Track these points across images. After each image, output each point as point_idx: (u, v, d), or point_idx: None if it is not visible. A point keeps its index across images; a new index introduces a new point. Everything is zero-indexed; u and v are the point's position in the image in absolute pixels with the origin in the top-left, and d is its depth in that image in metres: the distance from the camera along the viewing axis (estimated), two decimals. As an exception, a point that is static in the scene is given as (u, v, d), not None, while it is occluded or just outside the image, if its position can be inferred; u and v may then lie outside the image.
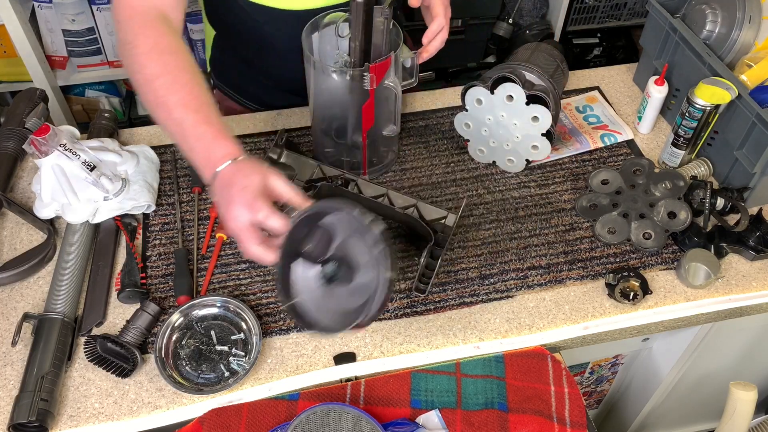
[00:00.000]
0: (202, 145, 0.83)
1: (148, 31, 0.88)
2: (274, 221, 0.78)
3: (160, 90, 0.85)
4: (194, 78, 0.87)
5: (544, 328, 1.01)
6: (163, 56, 0.87)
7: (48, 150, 1.04)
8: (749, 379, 1.36)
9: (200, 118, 0.84)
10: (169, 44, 0.88)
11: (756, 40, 1.16)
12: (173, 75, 0.86)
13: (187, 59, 0.88)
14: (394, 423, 0.89)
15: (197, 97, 0.85)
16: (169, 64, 0.86)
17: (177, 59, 0.87)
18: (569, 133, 1.29)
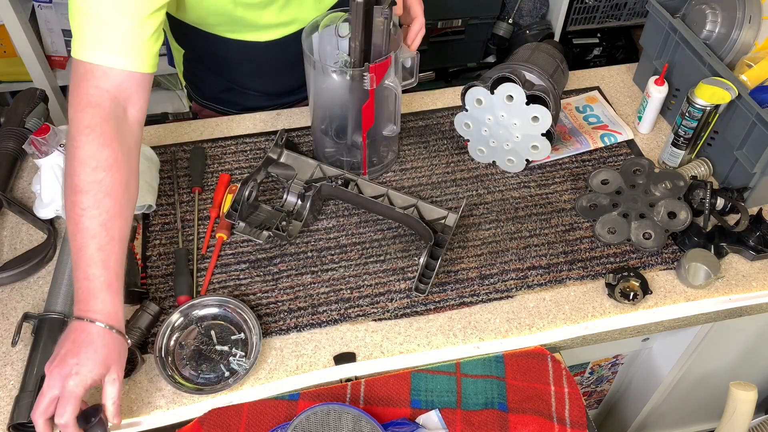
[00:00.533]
0: (88, 285, 0.81)
1: (94, 134, 0.82)
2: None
3: (70, 210, 0.82)
4: (119, 211, 0.83)
5: (544, 328, 1.01)
6: (95, 173, 0.82)
7: (48, 150, 1.03)
8: (749, 379, 1.36)
9: (102, 258, 0.81)
10: (107, 157, 0.83)
11: (756, 40, 1.16)
12: (84, 204, 0.81)
13: (119, 183, 0.84)
14: (394, 423, 0.89)
15: (110, 238, 0.82)
16: (91, 187, 0.82)
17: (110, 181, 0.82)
18: (569, 133, 1.29)
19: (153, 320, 0.97)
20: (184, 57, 1.27)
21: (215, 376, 0.94)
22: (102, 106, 0.84)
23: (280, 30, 1.13)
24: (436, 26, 2.29)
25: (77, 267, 0.82)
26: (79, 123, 0.83)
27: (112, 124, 0.84)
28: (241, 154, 1.24)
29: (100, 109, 0.83)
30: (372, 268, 1.07)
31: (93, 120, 0.83)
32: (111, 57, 0.83)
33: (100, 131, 0.83)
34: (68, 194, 0.83)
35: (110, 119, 0.84)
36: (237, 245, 1.10)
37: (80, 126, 0.82)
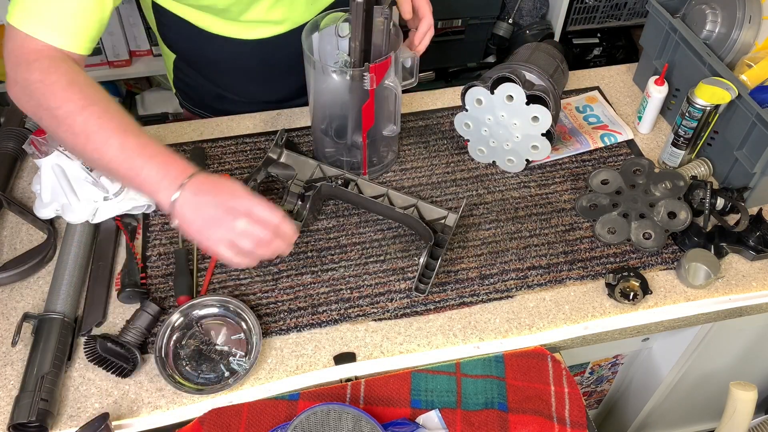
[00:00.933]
0: (157, 162, 0.81)
1: (61, 69, 0.84)
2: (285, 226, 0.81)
3: (92, 119, 0.81)
4: (121, 108, 0.85)
5: (544, 328, 1.01)
6: (84, 89, 0.83)
7: (48, 150, 1.04)
8: (749, 379, 1.36)
9: (144, 141, 0.81)
10: (85, 79, 0.85)
11: (756, 40, 1.16)
12: (102, 105, 0.83)
13: (105, 92, 0.86)
14: (394, 423, 0.89)
15: (133, 124, 0.83)
16: (94, 96, 0.83)
17: (98, 91, 0.84)
18: (569, 133, 1.29)
19: (153, 320, 0.97)
20: (175, 63, 1.26)
21: (215, 376, 0.94)
22: (53, 54, 0.86)
23: (269, 28, 1.12)
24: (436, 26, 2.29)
25: (131, 162, 0.80)
26: (42, 66, 0.84)
27: (68, 61, 0.87)
28: (241, 154, 1.24)
29: (54, 56, 0.86)
30: (372, 268, 1.07)
31: (53, 61, 0.85)
32: (53, 35, 0.85)
33: (66, 64, 0.86)
34: (68, 119, 0.82)
35: (65, 59, 0.87)
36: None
37: (44, 67, 0.84)
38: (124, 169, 0.81)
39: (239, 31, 1.11)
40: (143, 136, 0.82)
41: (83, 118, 0.82)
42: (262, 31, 1.12)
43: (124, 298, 1.00)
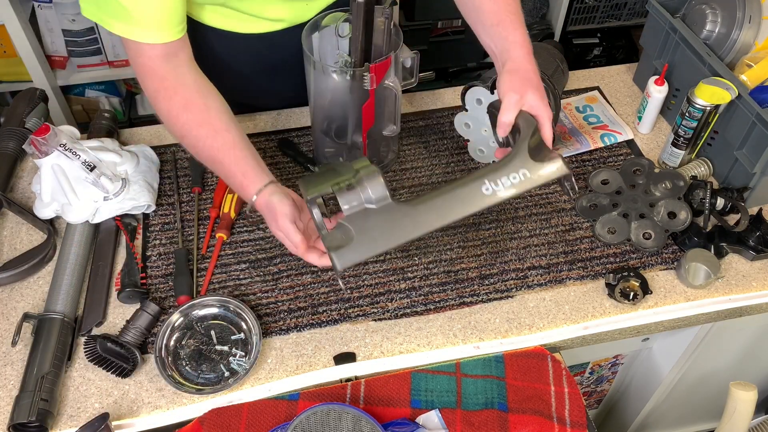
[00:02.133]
0: (240, 182, 0.94)
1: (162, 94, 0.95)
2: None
3: (191, 149, 0.96)
4: (215, 130, 0.94)
5: (544, 328, 1.01)
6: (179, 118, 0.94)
7: (48, 150, 1.04)
8: (749, 379, 1.36)
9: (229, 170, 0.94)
10: (178, 104, 0.94)
11: (756, 40, 1.16)
12: (193, 137, 0.94)
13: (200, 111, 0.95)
14: (394, 423, 0.89)
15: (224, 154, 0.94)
16: (187, 125, 0.94)
17: (192, 117, 0.94)
18: (569, 133, 1.29)
19: (153, 320, 0.97)
20: None
21: (215, 376, 0.94)
22: (156, 70, 0.94)
23: (266, 24, 1.12)
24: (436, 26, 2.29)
25: (227, 180, 0.96)
26: (148, 90, 0.96)
27: (170, 77, 0.95)
28: (241, 154, 1.24)
29: (157, 73, 0.95)
30: (372, 268, 1.07)
31: (154, 84, 0.95)
32: (149, 34, 0.92)
33: (164, 89, 0.94)
34: (180, 141, 0.97)
35: (167, 75, 0.95)
36: (237, 245, 1.10)
37: (150, 93, 0.96)
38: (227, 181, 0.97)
39: (236, 24, 1.10)
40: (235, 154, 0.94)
41: (191, 150, 0.97)
42: (259, 26, 1.11)
43: (124, 298, 1.00)
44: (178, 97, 0.94)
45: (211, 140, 0.93)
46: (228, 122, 0.96)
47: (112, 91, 2.33)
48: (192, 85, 0.96)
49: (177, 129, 0.95)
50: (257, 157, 0.96)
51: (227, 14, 1.09)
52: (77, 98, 2.28)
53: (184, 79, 0.96)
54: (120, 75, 2.17)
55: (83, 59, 2.10)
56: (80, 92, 2.28)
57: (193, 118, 0.94)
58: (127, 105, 2.38)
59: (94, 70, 2.13)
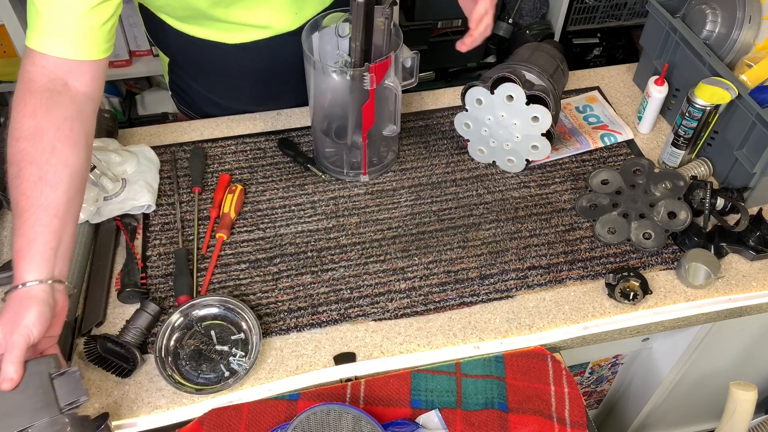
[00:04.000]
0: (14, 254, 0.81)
1: (19, 107, 0.83)
2: None
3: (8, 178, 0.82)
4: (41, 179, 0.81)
5: (544, 328, 1.01)
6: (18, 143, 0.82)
7: (48, 150, 1.03)
8: (749, 379, 1.36)
9: (17, 227, 0.80)
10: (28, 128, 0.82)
11: (756, 40, 1.16)
12: (19, 169, 0.81)
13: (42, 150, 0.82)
14: (394, 423, 0.89)
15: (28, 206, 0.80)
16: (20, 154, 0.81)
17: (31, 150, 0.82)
18: (569, 133, 1.29)
19: (153, 320, 0.97)
20: (169, 66, 1.26)
21: (215, 376, 0.94)
22: (34, 81, 0.85)
23: (252, 32, 1.11)
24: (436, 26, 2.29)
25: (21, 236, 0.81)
26: (14, 99, 0.84)
27: (43, 96, 0.84)
28: (241, 154, 1.24)
29: (32, 84, 0.85)
30: (372, 268, 1.07)
31: (21, 95, 0.84)
32: (47, 44, 0.85)
33: (24, 103, 0.83)
34: (8, 159, 0.83)
35: (40, 92, 0.84)
36: (237, 245, 1.10)
37: (13, 102, 0.84)
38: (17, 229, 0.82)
39: (222, 35, 1.10)
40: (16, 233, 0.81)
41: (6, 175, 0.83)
42: (245, 35, 1.11)
43: (124, 298, 1.00)
44: (30, 122, 0.82)
45: (29, 186, 0.79)
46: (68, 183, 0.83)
47: (112, 91, 2.33)
48: (59, 124, 0.83)
49: (7, 151, 0.82)
50: (66, 247, 0.83)
51: (213, 26, 1.09)
52: (77, 98, 2.27)
53: (61, 110, 0.84)
54: (120, 75, 2.17)
55: (83, 59, 2.10)
56: (80, 92, 2.28)
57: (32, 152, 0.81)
58: (127, 105, 2.38)
59: (94, 69, 2.13)
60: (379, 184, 1.20)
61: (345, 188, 1.19)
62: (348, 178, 1.20)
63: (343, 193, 1.19)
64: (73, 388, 0.79)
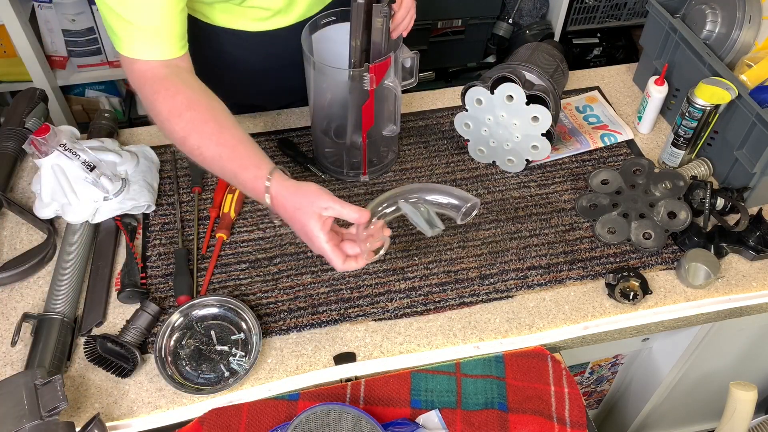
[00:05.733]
0: (252, 186, 0.90)
1: (161, 95, 0.92)
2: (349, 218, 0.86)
3: (195, 150, 0.91)
4: (221, 126, 0.91)
5: (544, 328, 1.01)
6: (183, 116, 0.91)
7: (48, 150, 1.04)
8: (749, 379, 1.36)
9: (238, 165, 0.90)
10: (182, 102, 0.92)
11: (756, 40, 1.16)
12: (200, 134, 0.90)
13: (206, 109, 0.92)
14: (394, 423, 0.89)
15: (232, 147, 0.90)
16: (192, 122, 0.91)
17: (197, 114, 0.91)
18: (569, 133, 1.29)
19: (153, 320, 0.97)
20: None
21: (215, 376, 0.94)
22: (157, 74, 0.93)
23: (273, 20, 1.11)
24: (436, 26, 2.29)
25: (234, 182, 0.92)
26: (148, 94, 0.93)
27: (172, 77, 0.93)
28: (241, 154, 1.24)
29: (157, 77, 0.93)
30: (372, 268, 1.07)
31: (154, 86, 0.93)
32: (151, 52, 0.93)
33: (165, 87, 0.92)
34: (181, 146, 0.92)
35: (169, 76, 0.93)
36: (237, 245, 1.10)
37: (149, 96, 0.93)
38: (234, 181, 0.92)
39: (243, 22, 1.10)
40: (239, 147, 0.91)
41: (188, 150, 0.92)
42: (266, 23, 1.11)
43: (124, 298, 1.00)
44: (180, 97, 0.92)
45: (217, 136, 0.90)
46: (233, 120, 0.94)
47: (112, 91, 2.33)
48: (197, 88, 0.94)
49: (179, 129, 0.91)
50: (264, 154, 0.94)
51: (237, 12, 1.08)
52: (77, 98, 2.28)
53: (188, 83, 0.94)
54: (120, 75, 2.17)
55: (83, 59, 2.10)
56: (80, 92, 2.28)
57: (198, 115, 0.91)
58: (127, 105, 2.38)
59: (94, 70, 2.13)
60: (379, 184, 1.20)
61: (345, 188, 1.19)
62: (348, 178, 1.20)
63: (343, 193, 1.19)
64: (54, 396, 0.84)
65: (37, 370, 0.86)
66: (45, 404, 0.83)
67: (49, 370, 0.90)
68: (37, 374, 0.86)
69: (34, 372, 0.86)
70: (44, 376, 0.86)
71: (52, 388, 0.84)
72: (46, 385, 0.84)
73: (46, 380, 0.85)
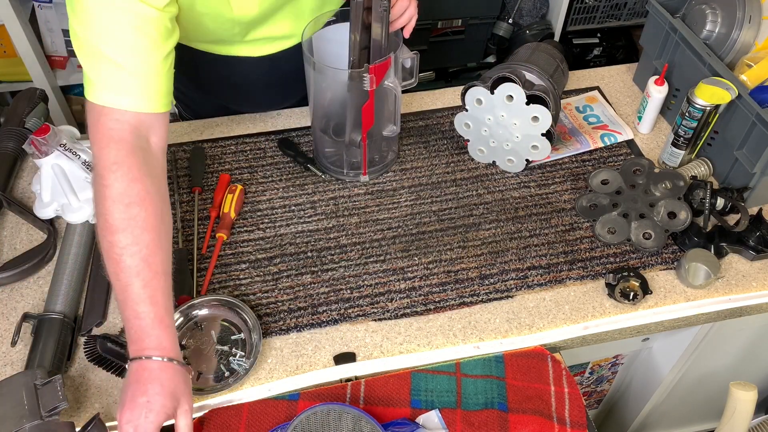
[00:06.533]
0: (139, 324, 0.79)
1: (121, 172, 0.80)
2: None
3: (116, 248, 0.79)
4: (158, 244, 0.81)
5: (544, 328, 1.01)
6: (130, 209, 0.80)
7: (48, 150, 1.04)
8: (749, 379, 1.36)
9: (148, 295, 0.79)
10: (138, 193, 0.81)
11: (756, 40, 1.16)
12: (135, 236, 0.79)
13: (154, 216, 0.81)
14: (394, 423, 0.89)
15: (154, 273, 0.80)
16: (134, 220, 0.79)
17: (144, 215, 0.80)
18: (569, 133, 1.29)
19: (153, 320, 0.97)
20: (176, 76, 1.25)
21: (215, 376, 0.94)
22: (125, 140, 0.82)
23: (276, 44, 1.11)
24: (436, 26, 2.29)
25: (125, 306, 0.79)
26: (105, 160, 0.81)
27: (139, 156, 0.82)
28: (241, 154, 1.24)
29: (124, 143, 0.82)
30: (372, 268, 1.07)
31: (118, 155, 0.81)
32: (127, 100, 0.82)
33: (128, 166, 0.81)
34: (104, 234, 0.80)
35: (135, 152, 0.82)
36: (237, 245, 1.10)
37: (106, 163, 0.81)
38: (120, 306, 0.81)
39: (247, 50, 1.10)
40: (151, 288, 0.80)
41: (106, 243, 0.80)
42: (270, 47, 1.11)
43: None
44: (138, 186, 0.80)
45: (149, 251, 0.79)
46: (170, 244, 0.84)
47: (112, 91, 2.32)
48: (156, 184, 0.83)
49: (117, 218, 0.79)
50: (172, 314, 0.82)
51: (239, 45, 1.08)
52: (77, 98, 2.28)
53: (152, 174, 0.83)
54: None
55: (83, 59, 2.10)
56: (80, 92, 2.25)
57: (144, 219, 0.80)
58: (127, 105, 2.38)
59: (94, 70, 2.13)
60: (379, 184, 1.20)
61: (345, 188, 1.19)
62: (348, 178, 1.20)
63: (343, 193, 1.19)
64: (54, 396, 0.83)
65: (37, 370, 0.86)
66: (45, 404, 0.83)
67: (49, 370, 0.90)
68: (37, 374, 0.86)
69: (34, 372, 0.86)
70: (44, 376, 0.86)
71: (52, 388, 0.84)
72: (46, 385, 0.84)
73: (46, 380, 0.85)
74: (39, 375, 0.86)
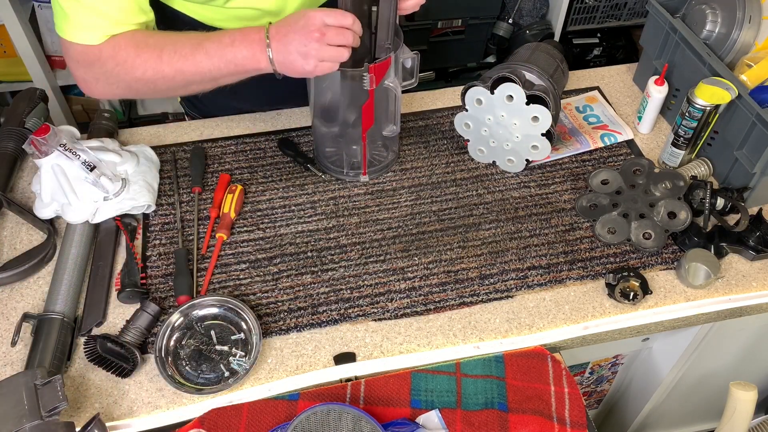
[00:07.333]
0: (240, 45, 0.91)
1: (122, 44, 0.93)
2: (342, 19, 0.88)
3: (173, 59, 0.92)
4: (180, 33, 0.94)
5: (544, 328, 1.01)
6: (149, 44, 0.92)
7: (48, 150, 1.04)
8: (749, 379, 1.36)
9: (217, 39, 0.92)
10: (143, 36, 0.93)
11: (756, 40, 1.16)
12: (169, 44, 0.92)
13: (163, 34, 0.94)
14: (394, 423, 0.89)
15: (198, 37, 0.92)
16: (159, 42, 0.92)
17: (159, 36, 0.93)
18: (569, 133, 1.29)
19: (153, 320, 0.97)
20: None
21: (215, 376, 0.94)
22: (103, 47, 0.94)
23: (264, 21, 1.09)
24: (436, 26, 2.29)
25: (218, 62, 0.92)
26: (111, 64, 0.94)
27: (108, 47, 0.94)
28: (241, 154, 1.24)
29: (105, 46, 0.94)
30: (372, 268, 1.07)
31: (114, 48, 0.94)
32: (101, 35, 0.93)
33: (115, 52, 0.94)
34: (155, 70, 0.93)
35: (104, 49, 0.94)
36: (237, 245, 1.10)
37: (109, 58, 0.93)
38: (226, 69, 0.93)
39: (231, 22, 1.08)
40: (212, 38, 0.93)
41: (167, 64, 0.93)
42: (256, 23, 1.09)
43: (124, 298, 1.00)
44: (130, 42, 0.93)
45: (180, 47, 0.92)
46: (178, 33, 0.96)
47: (112, 91, 2.32)
48: (134, 33, 0.95)
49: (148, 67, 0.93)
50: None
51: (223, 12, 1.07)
52: (77, 98, 2.28)
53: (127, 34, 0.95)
54: (120, 75, 2.16)
55: (83, 59, 2.10)
56: (80, 92, 2.28)
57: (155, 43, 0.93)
58: (127, 105, 2.38)
59: (94, 70, 2.13)
60: (379, 184, 1.20)
61: (345, 188, 1.19)
62: (348, 178, 1.20)
63: (343, 193, 1.19)
64: (54, 396, 0.84)
65: (37, 370, 0.86)
66: (45, 404, 0.83)
67: (49, 370, 0.90)
68: (37, 374, 0.86)
69: (34, 372, 0.86)
70: (44, 376, 0.86)
71: (52, 388, 0.84)
72: (46, 385, 0.84)
73: (46, 380, 0.85)
74: (39, 375, 0.86)
